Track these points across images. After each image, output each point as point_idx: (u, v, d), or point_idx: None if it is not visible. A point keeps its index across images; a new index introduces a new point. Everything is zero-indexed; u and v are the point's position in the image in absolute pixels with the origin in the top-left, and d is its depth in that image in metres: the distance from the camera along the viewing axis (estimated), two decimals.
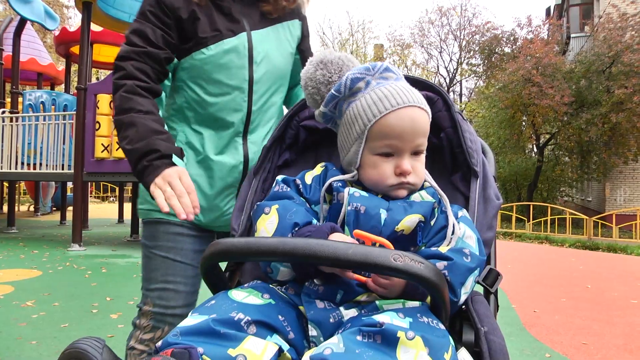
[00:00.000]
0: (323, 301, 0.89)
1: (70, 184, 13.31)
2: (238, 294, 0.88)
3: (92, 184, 21.12)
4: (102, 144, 7.36)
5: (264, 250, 0.82)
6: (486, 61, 21.04)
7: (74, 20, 24.93)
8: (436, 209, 1.02)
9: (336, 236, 0.92)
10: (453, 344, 0.83)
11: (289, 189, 1.08)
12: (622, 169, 15.45)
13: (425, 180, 1.06)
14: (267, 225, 0.99)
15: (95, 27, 9.46)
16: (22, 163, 8.83)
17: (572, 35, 18.96)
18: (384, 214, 0.97)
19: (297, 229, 0.97)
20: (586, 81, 15.17)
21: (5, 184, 11.41)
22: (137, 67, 1.32)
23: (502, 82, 15.53)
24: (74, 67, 13.69)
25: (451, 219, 1.00)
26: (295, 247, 0.79)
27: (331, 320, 0.87)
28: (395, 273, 0.76)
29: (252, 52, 1.42)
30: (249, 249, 0.84)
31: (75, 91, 7.89)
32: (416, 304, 0.87)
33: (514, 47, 17.92)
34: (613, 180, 15.64)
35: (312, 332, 0.87)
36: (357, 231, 0.91)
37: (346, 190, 1.00)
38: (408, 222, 0.96)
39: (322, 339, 0.86)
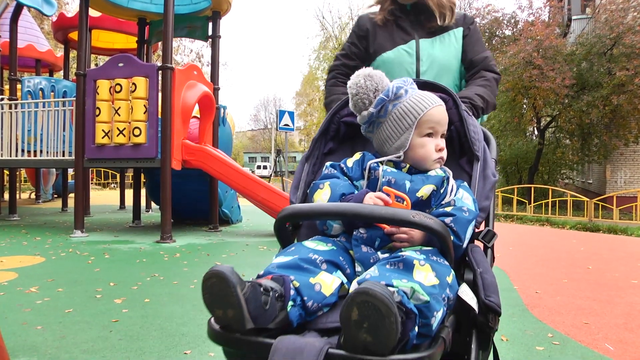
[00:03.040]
0: (366, 246, 1.26)
1: (71, 171, 13.31)
2: (310, 244, 1.26)
3: (93, 170, 21.11)
4: (103, 130, 7.34)
5: (325, 211, 1.23)
6: (487, 44, 20.89)
7: (72, 6, 24.70)
8: (445, 181, 1.39)
9: (370, 195, 1.30)
10: (454, 273, 1.18)
11: (335, 171, 1.46)
12: (623, 151, 15.42)
13: None
14: (322, 196, 1.38)
15: (93, 13, 9.38)
16: (22, 150, 8.81)
17: (573, 17, 18.78)
18: (408, 184, 1.36)
19: (343, 197, 1.36)
20: (587, 63, 15.06)
21: (6, 171, 11.41)
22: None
23: (503, 65, 15.40)
24: (73, 54, 13.58)
25: (451, 181, 1.39)
26: (346, 209, 1.17)
27: (371, 260, 1.23)
28: (413, 225, 1.11)
29: (419, 53, 2.05)
30: (313, 211, 1.25)
31: (75, 77, 7.85)
32: (429, 248, 1.21)
33: (514, 29, 17.72)
34: (614, 162, 15.62)
35: (358, 268, 1.25)
36: (386, 187, 1.32)
37: (381, 168, 1.39)
38: (425, 189, 1.34)
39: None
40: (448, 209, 1.30)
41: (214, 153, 7.78)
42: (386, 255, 1.23)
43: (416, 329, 1.01)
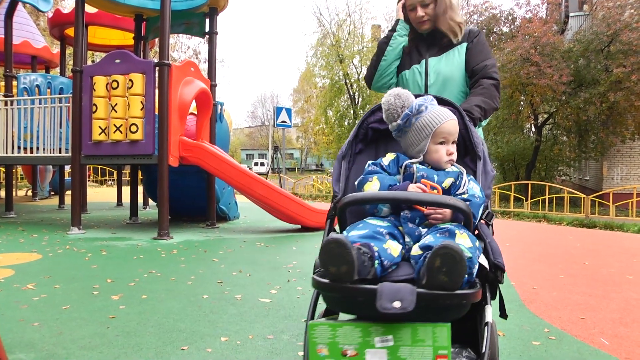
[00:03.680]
0: (411, 223, 1.67)
1: (68, 168, 13.28)
2: (372, 221, 1.66)
3: (90, 167, 21.06)
4: (100, 127, 7.32)
5: (384, 198, 1.68)
6: None
7: (68, 2, 24.58)
8: (459, 175, 1.81)
9: (412, 186, 1.74)
10: (478, 240, 1.60)
11: (376, 168, 1.87)
12: (620, 148, 15.46)
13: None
14: (373, 187, 1.78)
15: (89, 9, 9.35)
16: (19, 147, 8.78)
17: (570, 14, 18.79)
18: (435, 177, 1.77)
19: (390, 187, 1.77)
20: (584, 60, 15.06)
21: (2, 168, 11.37)
22: None
23: (501, 62, 15.39)
24: (69, 50, 13.53)
25: (464, 177, 1.80)
26: (401, 196, 1.64)
27: (416, 233, 1.65)
28: (449, 207, 1.57)
29: (428, 70, 2.55)
30: (375, 197, 1.68)
31: (71, 74, 7.82)
32: (456, 223, 1.62)
33: (512, 26, 17.68)
34: (610, 159, 15.66)
35: (407, 239, 1.65)
36: (423, 180, 1.75)
37: (414, 166, 1.81)
38: (447, 181, 1.78)
39: (412, 243, 1.62)
40: (464, 196, 1.73)
41: (211, 150, 7.77)
42: (425, 230, 1.65)
43: (466, 276, 1.42)
